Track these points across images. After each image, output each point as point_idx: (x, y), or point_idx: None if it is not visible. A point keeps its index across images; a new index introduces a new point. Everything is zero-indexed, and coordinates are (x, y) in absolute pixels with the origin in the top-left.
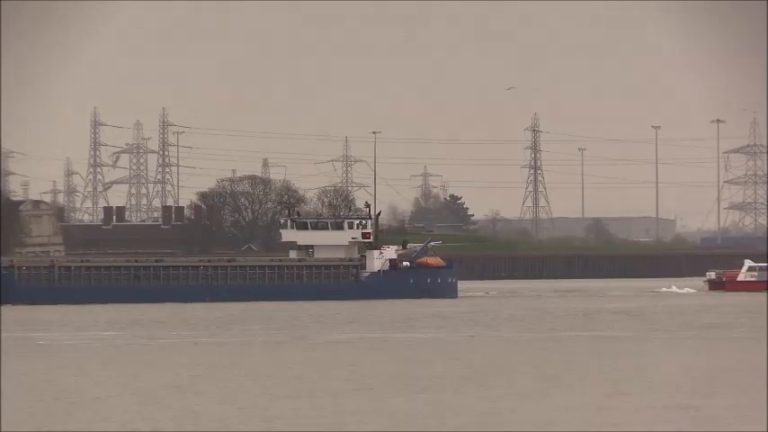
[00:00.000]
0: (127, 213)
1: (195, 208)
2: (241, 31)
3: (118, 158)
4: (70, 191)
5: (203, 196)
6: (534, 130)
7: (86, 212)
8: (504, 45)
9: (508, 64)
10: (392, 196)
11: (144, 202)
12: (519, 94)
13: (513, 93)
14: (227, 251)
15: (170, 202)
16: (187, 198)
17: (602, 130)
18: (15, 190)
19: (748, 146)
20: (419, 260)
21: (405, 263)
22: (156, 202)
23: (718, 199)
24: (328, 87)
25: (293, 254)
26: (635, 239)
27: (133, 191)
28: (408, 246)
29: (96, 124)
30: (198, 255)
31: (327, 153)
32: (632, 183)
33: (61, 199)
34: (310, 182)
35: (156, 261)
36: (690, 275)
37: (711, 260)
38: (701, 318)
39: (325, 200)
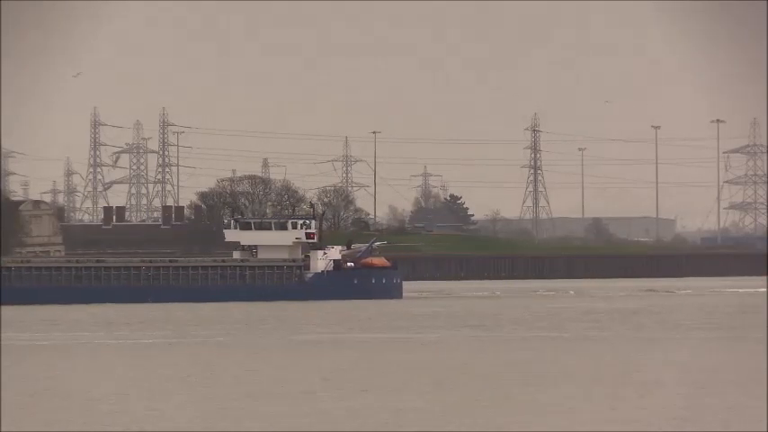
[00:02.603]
0: (127, 213)
1: (195, 208)
2: (241, 31)
3: (118, 158)
4: (70, 191)
5: (203, 196)
6: (534, 130)
7: (86, 212)
8: (505, 45)
9: (508, 64)
10: (392, 196)
11: (144, 202)
12: (513, 95)
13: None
14: (227, 251)
15: (170, 202)
16: (187, 198)
17: (602, 130)
18: (15, 190)
19: (748, 146)
20: (363, 261)
21: (349, 263)
22: (156, 202)
23: (719, 199)
24: (328, 87)
25: (237, 254)
26: (635, 239)
27: (133, 191)
28: (353, 246)
29: (96, 124)
30: (200, 255)
31: (327, 153)
32: (632, 183)
33: (61, 199)
34: (310, 182)
35: (97, 261)
36: (690, 275)
37: (711, 260)
38: None
39: (325, 199)
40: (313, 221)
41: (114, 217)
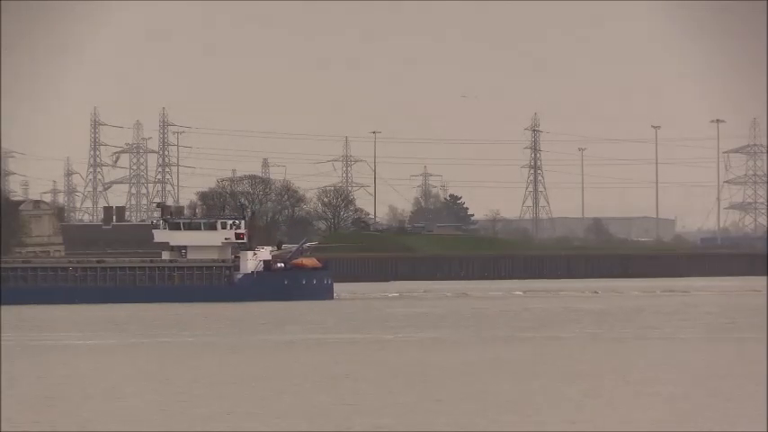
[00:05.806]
0: (127, 213)
1: (194, 208)
2: (241, 31)
3: (118, 158)
4: (70, 191)
5: (203, 196)
6: (534, 130)
7: (86, 212)
8: (505, 45)
9: (508, 64)
10: (392, 196)
11: (144, 202)
12: (519, 98)
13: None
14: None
15: (170, 202)
16: (187, 198)
17: (603, 130)
18: (15, 190)
19: (748, 146)
20: (294, 261)
21: (279, 264)
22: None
23: (719, 199)
24: (328, 87)
25: (166, 255)
26: (635, 239)
27: (133, 191)
28: (284, 246)
29: (96, 124)
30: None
31: (327, 153)
32: (632, 183)
33: (61, 199)
34: (310, 182)
35: (23, 262)
36: (690, 275)
37: (711, 260)
38: None
39: (325, 199)
40: (243, 222)
41: (114, 217)
